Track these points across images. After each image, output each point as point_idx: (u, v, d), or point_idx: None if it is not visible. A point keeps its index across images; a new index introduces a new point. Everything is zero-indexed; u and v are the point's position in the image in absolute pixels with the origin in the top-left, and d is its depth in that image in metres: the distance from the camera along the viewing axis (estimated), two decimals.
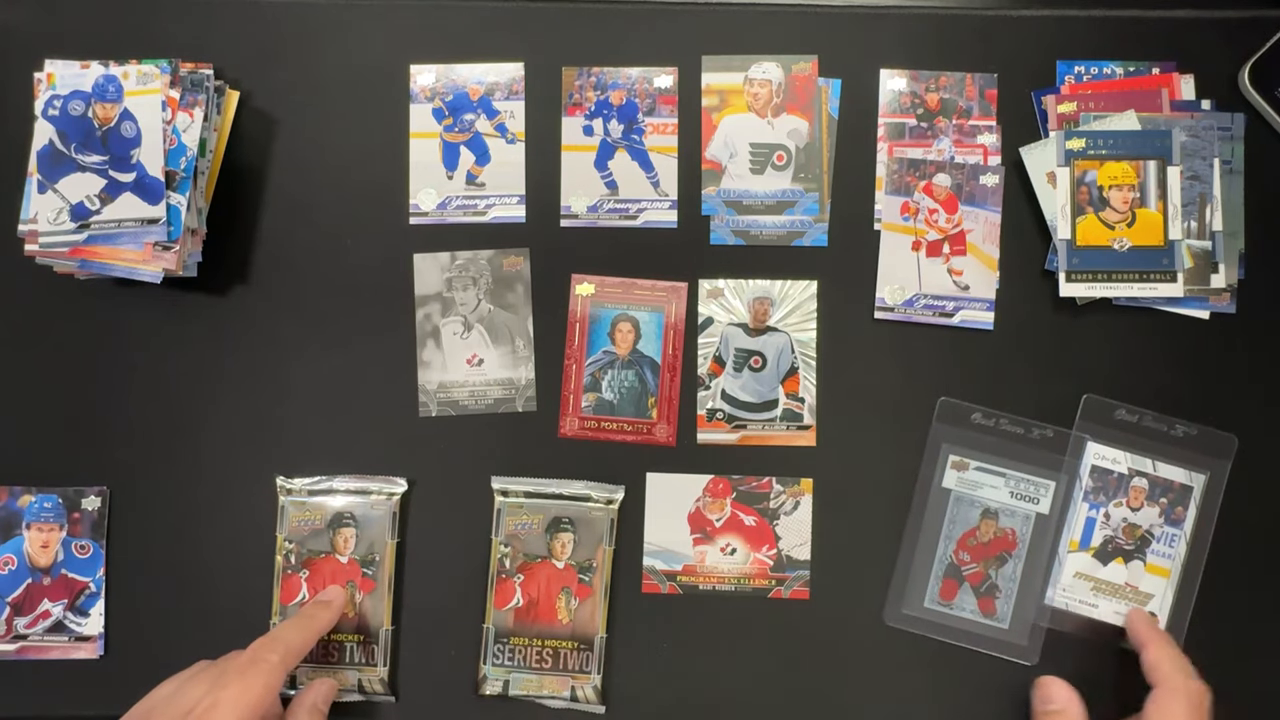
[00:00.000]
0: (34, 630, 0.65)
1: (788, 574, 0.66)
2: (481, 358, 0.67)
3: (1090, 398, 0.66)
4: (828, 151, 0.68)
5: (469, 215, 0.68)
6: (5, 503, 0.66)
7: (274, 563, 0.66)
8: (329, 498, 0.66)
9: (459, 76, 0.68)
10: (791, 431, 0.67)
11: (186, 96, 0.64)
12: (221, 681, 0.55)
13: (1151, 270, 0.65)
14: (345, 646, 0.65)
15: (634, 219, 0.68)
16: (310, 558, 0.65)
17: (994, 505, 0.66)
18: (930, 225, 0.67)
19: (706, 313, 0.67)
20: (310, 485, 0.66)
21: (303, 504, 0.66)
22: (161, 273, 0.63)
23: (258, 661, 0.56)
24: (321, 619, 0.62)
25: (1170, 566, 0.66)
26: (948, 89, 0.68)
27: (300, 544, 0.65)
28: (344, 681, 0.65)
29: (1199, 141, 0.66)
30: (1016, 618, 0.66)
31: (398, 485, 0.66)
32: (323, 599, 0.64)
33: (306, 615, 0.62)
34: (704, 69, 0.68)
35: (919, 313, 0.67)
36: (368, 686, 0.65)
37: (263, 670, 0.56)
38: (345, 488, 0.66)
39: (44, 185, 0.62)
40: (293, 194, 0.68)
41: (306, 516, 0.66)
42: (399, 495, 0.66)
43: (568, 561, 0.65)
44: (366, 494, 0.66)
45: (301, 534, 0.66)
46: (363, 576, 0.65)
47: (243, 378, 0.67)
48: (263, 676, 0.56)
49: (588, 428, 0.67)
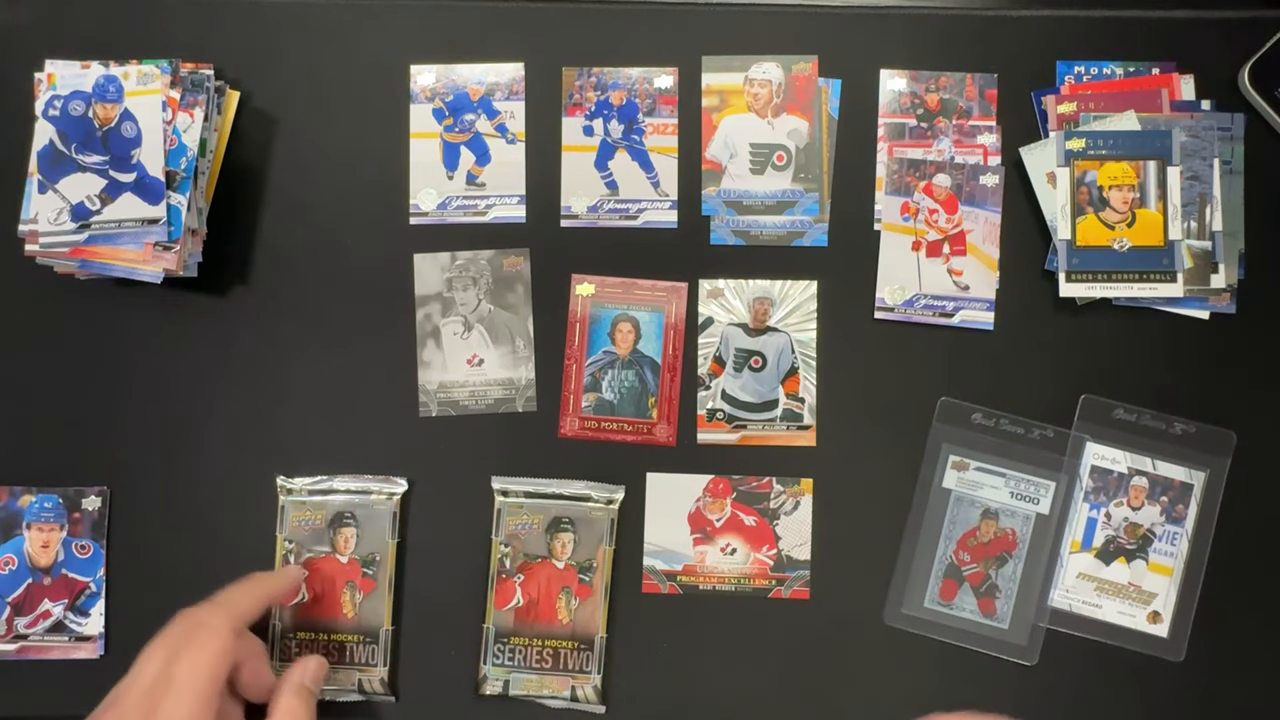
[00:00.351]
0: (34, 630, 0.65)
1: (788, 574, 0.66)
2: (482, 358, 0.67)
3: (1088, 398, 0.66)
4: (828, 151, 0.68)
5: (469, 215, 0.68)
6: (5, 503, 0.66)
7: (274, 563, 0.65)
8: (329, 498, 0.66)
9: (459, 76, 0.68)
10: (791, 431, 0.67)
11: (187, 96, 0.64)
12: (173, 656, 0.53)
13: (1151, 270, 0.65)
14: (345, 646, 0.65)
15: (634, 219, 0.68)
16: (311, 558, 0.65)
17: (994, 505, 0.66)
18: (930, 225, 0.67)
19: (706, 313, 0.67)
20: (311, 485, 0.66)
21: (303, 504, 0.66)
22: (161, 273, 0.63)
23: (202, 626, 0.54)
24: (270, 582, 0.61)
25: (1173, 565, 0.66)
26: (948, 89, 0.68)
27: (300, 544, 0.65)
28: (344, 681, 0.65)
29: (1199, 141, 0.66)
30: (1016, 618, 0.66)
31: (398, 485, 0.66)
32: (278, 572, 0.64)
33: (255, 579, 0.60)
34: (704, 69, 0.68)
35: (919, 313, 0.67)
36: (368, 686, 0.65)
37: (212, 636, 0.54)
38: (346, 488, 0.66)
39: (44, 185, 0.63)
40: (293, 194, 0.68)
41: (307, 516, 0.66)
42: (399, 495, 0.66)
43: (568, 561, 0.65)
44: (367, 494, 0.66)
45: (301, 534, 0.65)
46: (363, 576, 0.65)
47: (243, 378, 0.67)
48: (213, 642, 0.54)
49: (588, 428, 0.67)
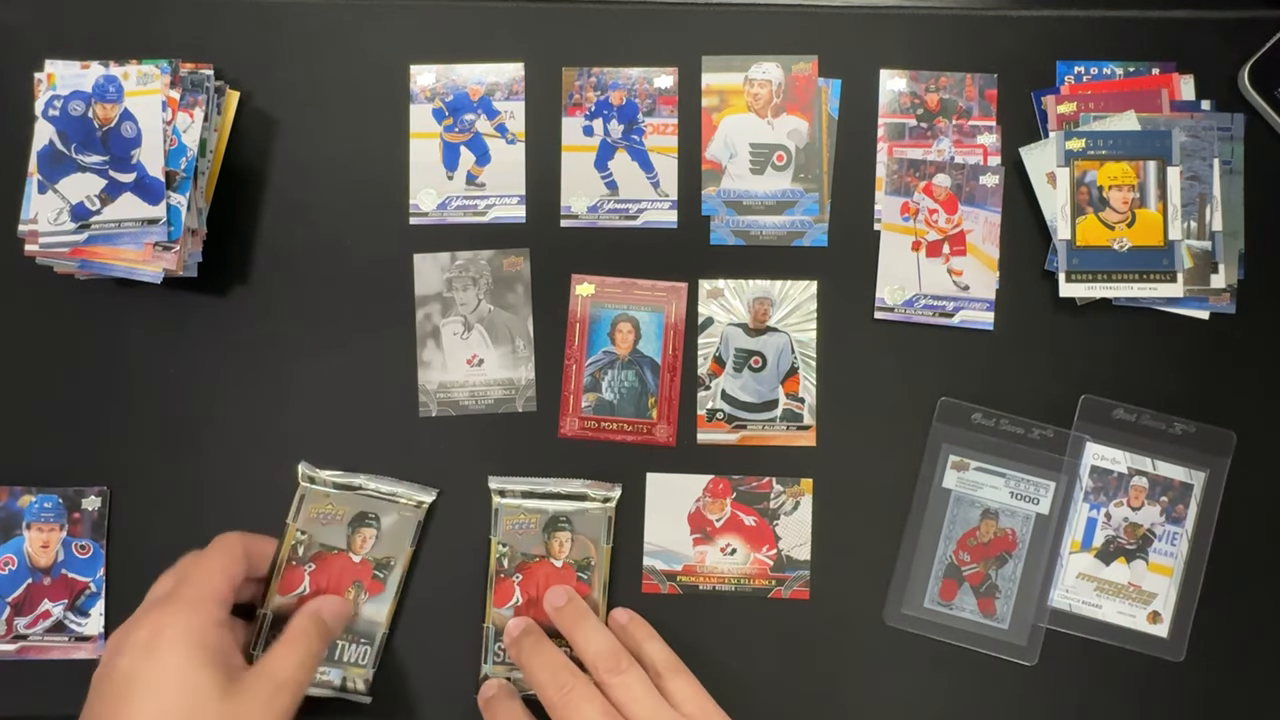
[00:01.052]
0: (34, 630, 0.65)
1: (788, 574, 0.66)
2: (481, 358, 0.67)
3: (1088, 398, 0.66)
4: (828, 152, 0.68)
5: (469, 215, 0.68)
6: (5, 503, 0.66)
7: (281, 550, 0.64)
8: (355, 494, 0.65)
9: (459, 77, 0.68)
10: (791, 431, 0.67)
11: (187, 97, 0.64)
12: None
13: (1151, 270, 0.65)
14: (336, 644, 0.64)
15: (634, 219, 0.68)
16: (322, 552, 0.64)
17: (994, 505, 0.66)
18: (930, 225, 0.67)
19: (706, 313, 0.67)
20: (336, 478, 0.65)
21: (326, 495, 0.65)
22: (161, 273, 0.63)
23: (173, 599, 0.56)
24: (221, 557, 0.60)
25: (1173, 565, 0.66)
26: (948, 89, 0.68)
27: (313, 536, 0.64)
28: (328, 677, 0.64)
29: (1199, 142, 0.66)
30: (1016, 618, 0.66)
31: (428, 494, 0.65)
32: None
33: (202, 559, 0.60)
34: (704, 69, 0.68)
35: (919, 313, 0.67)
36: (350, 685, 0.64)
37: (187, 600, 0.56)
38: (375, 487, 0.65)
39: (44, 185, 0.63)
40: (293, 194, 0.68)
41: (327, 510, 0.65)
42: (427, 504, 0.65)
43: (566, 560, 0.65)
44: (395, 500, 0.65)
45: (317, 525, 0.64)
46: (373, 578, 0.64)
47: (243, 378, 0.67)
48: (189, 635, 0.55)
49: (588, 428, 0.67)
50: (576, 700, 0.56)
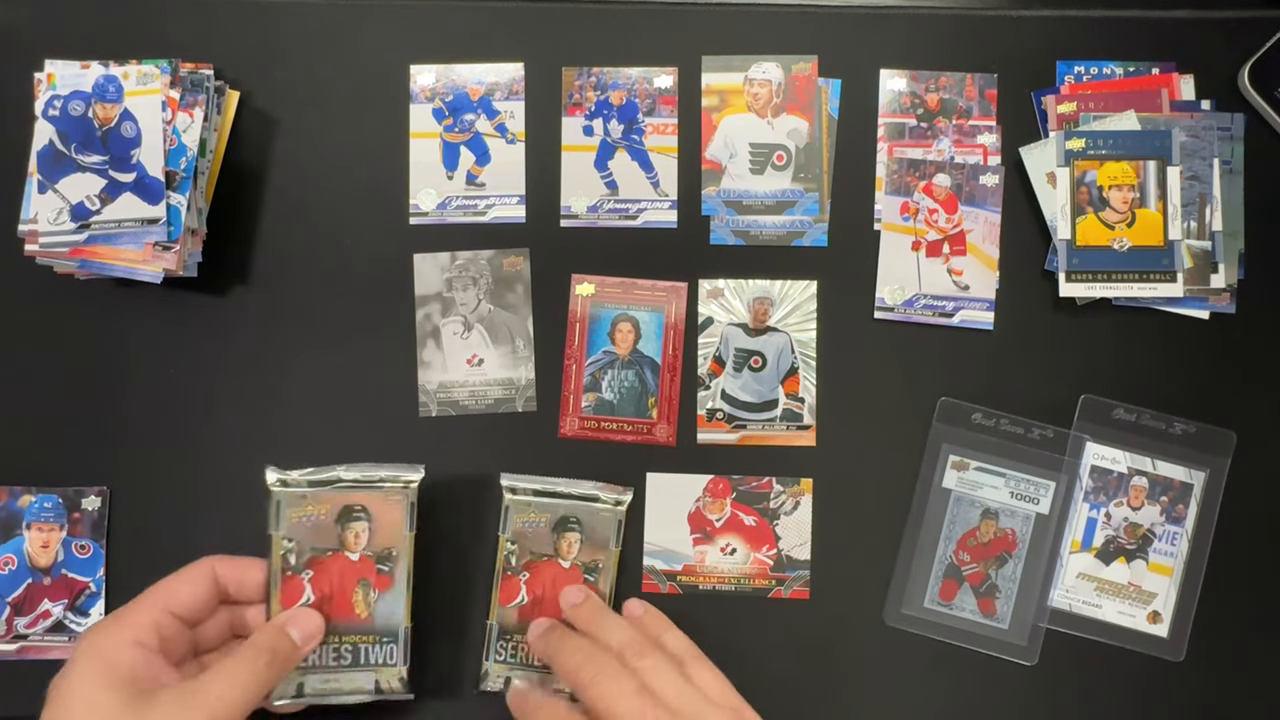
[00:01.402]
0: (34, 630, 0.65)
1: (788, 574, 0.66)
2: (481, 358, 0.67)
3: (1088, 398, 0.66)
4: (828, 151, 0.68)
5: (469, 215, 0.68)
6: (5, 503, 0.66)
7: (272, 565, 0.60)
8: (334, 489, 0.60)
9: (459, 76, 0.68)
10: (791, 431, 0.67)
11: (186, 97, 0.64)
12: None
13: (1151, 270, 0.65)
14: (360, 649, 0.61)
15: (634, 219, 0.68)
16: (315, 556, 0.60)
17: (994, 505, 0.66)
18: (930, 225, 0.67)
19: (706, 313, 0.67)
20: (310, 476, 0.60)
21: (303, 497, 0.60)
22: (161, 273, 0.63)
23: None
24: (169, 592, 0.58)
25: (1172, 565, 0.66)
26: (948, 89, 0.68)
27: (301, 542, 0.60)
28: (361, 684, 0.61)
29: (1199, 141, 0.66)
30: (1016, 618, 0.66)
31: (414, 472, 0.61)
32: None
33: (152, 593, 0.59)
34: (704, 69, 0.68)
35: (919, 313, 0.67)
36: (385, 685, 0.61)
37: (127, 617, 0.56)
38: (353, 478, 0.61)
39: (44, 185, 0.63)
40: (293, 194, 0.68)
41: (309, 511, 0.60)
42: (416, 483, 0.61)
43: (574, 561, 0.65)
44: (379, 485, 0.61)
45: (302, 531, 0.60)
46: (377, 574, 0.61)
47: (243, 378, 0.67)
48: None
49: (588, 428, 0.67)
50: (611, 679, 0.56)
